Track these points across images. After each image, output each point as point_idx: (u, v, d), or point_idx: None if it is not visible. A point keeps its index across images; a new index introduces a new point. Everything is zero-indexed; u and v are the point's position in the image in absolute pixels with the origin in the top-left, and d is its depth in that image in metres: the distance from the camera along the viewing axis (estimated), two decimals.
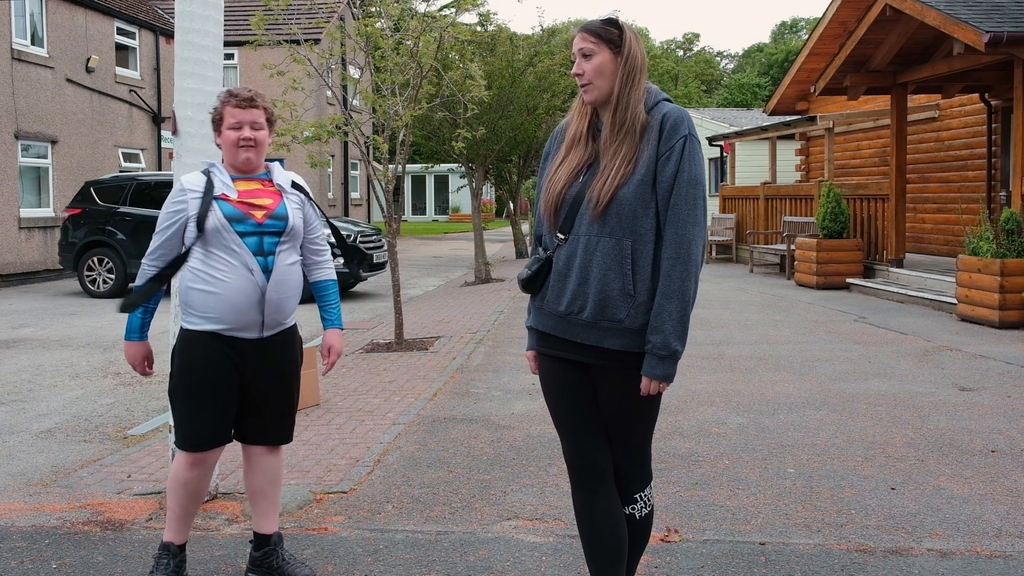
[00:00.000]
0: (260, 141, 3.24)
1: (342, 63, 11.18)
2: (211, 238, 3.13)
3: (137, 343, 3.29)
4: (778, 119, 18.68)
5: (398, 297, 8.95)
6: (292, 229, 3.24)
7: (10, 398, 6.85)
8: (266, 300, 3.16)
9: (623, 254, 2.52)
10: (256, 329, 3.19)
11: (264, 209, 3.20)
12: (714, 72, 67.52)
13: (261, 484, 3.37)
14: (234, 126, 3.19)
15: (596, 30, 2.59)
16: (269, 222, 3.19)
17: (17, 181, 16.32)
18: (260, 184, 3.28)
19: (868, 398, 6.27)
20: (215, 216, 3.12)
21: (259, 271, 3.14)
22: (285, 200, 3.27)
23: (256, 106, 3.23)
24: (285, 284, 3.21)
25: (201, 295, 3.14)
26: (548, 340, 2.69)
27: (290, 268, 3.25)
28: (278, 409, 3.31)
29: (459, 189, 27.38)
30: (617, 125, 2.56)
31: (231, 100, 3.22)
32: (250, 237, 3.15)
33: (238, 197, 3.18)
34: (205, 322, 3.16)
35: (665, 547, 3.65)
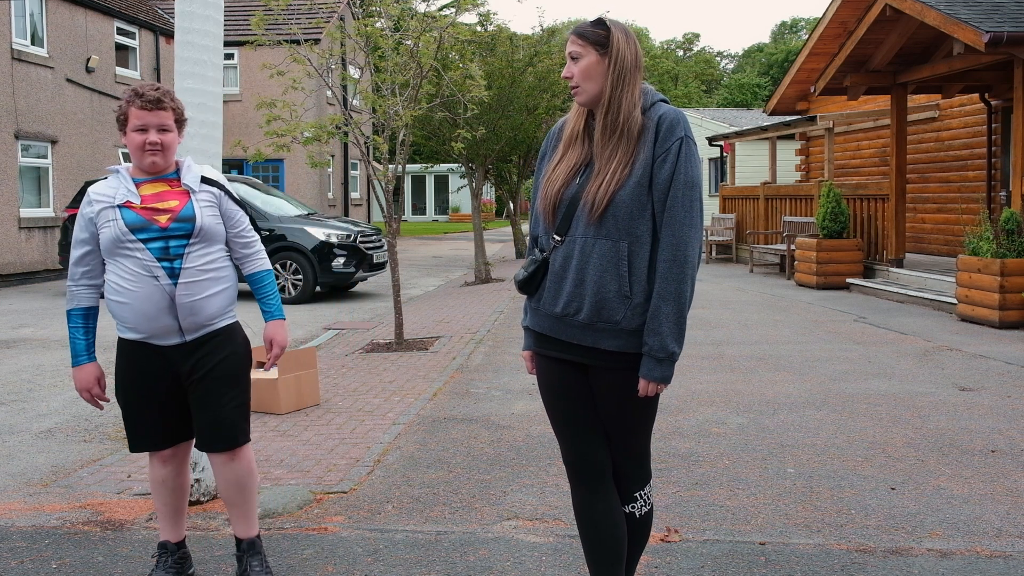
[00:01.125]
0: (167, 144, 3.08)
1: (342, 63, 11.18)
2: (116, 248, 3.03)
3: (86, 366, 3.20)
4: (778, 119, 18.68)
5: (398, 297, 8.95)
6: (201, 230, 3.09)
7: (10, 398, 6.85)
8: (178, 306, 3.05)
9: (619, 256, 2.52)
10: (175, 335, 3.10)
11: (169, 212, 3.06)
12: (714, 72, 67.52)
13: (227, 491, 3.25)
14: (139, 128, 3.04)
15: (583, 32, 2.59)
16: (174, 225, 3.05)
17: (17, 181, 16.32)
18: (167, 185, 3.13)
19: (868, 398, 6.27)
20: (116, 226, 3.01)
21: (165, 276, 3.02)
22: (193, 200, 3.11)
23: (164, 107, 3.06)
24: (198, 286, 3.08)
25: (116, 306, 3.09)
26: (545, 341, 2.69)
27: (204, 269, 3.10)
28: (221, 413, 3.15)
29: (459, 189, 27.37)
30: (609, 127, 2.56)
31: (136, 100, 3.04)
32: (155, 243, 3.03)
33: (141, 203, 3.05)
34: (127, 331, 3.13)
35: (665, 547, 3.65)
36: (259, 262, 3.34)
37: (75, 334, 3.17)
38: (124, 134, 3.09)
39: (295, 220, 13.90)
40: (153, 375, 3.13)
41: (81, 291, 3.14)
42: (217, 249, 3.17)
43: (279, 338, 3.32)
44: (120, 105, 3.09)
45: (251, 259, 3.32)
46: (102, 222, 3.04)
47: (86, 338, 3.17)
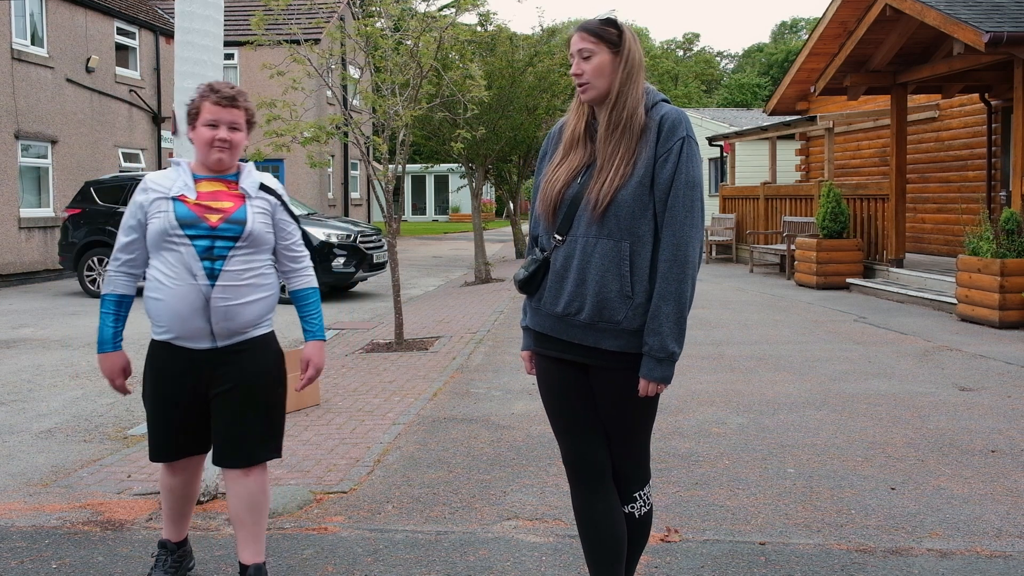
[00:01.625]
0: (236, 143, 3.05)
1: (342, 63, 11.18)
2: (162, 241, 2.98)
3: (111, 354, 3.11)
4: (778, 119, 18.68)
5: (398, 297, 8.95)
6: (250, 235, 3.03)
7: (10, 398, 6.85)
8: (211, 308, 2.96)
9: (621, 256, 2.52)
10: (206, 339, 3.01)
11: (221, 212, 3.01)
12: (714, 72, 67.53)
13: (237, 510, 3.12)
14: (210, 123, 3.01)
15: (595, 30, 2.58)
16: (224, 226, 2.99)
17: (17, 181, 16.32)
18: (225, 186, 3.09)
19: (868, 398, 6.27)
20: (166, 218, 2.97)
21: (203, 276, 2.95)
22: (247, 204, 3.06)
23: (237, 106, 3.04)
24: (237, 291, 3.00)
25: (153, 303, 3.02)
26: (545, 341, 2.69)
27: (243, 274, 3.02)
28: (241, 427, 3.05)
29: (459, 189, 27.37)
30: (613, 124, 2.56)
31: (211, 95, 3.02)
32: (200, 240, 2.97)
33: (196, 199, 3.01)
34: (159, 332, 3.05)
35: (665, 547, 3.65)
36: (306, 278, 3.27)
37: (105, 320, 3.07)
38: (192, 128, 3.05)
39: None
40: (178, 379, 3.04)
41: (119, 277, 3.07)
42: (263, 257, 3.10)
43: (317, 360, 3.23)
44: (192, 99, 3.07)
45: (298, 274, 3.24)
46: (153, 212, 3.00)
47: (115, 326, 3.08)
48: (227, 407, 3.04)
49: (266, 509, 3.19)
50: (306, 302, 3.25)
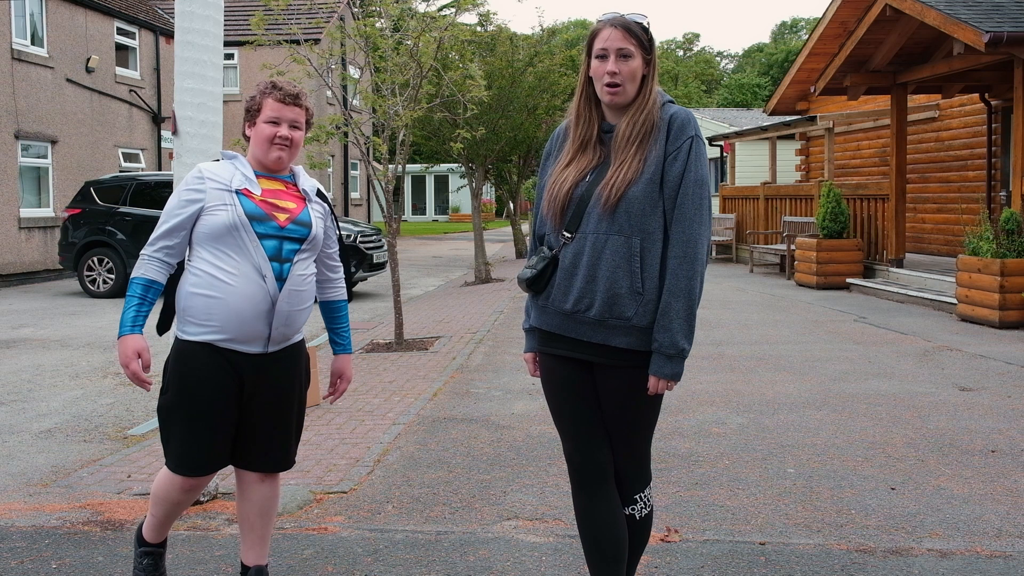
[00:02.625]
0: (296, 142, 2.97)
1: (342, 63, 11.18)
2: (225, 236, 2.84)
3: (129, 337, 2.85)
4: (778, 119, 18.68)
5: (398, 297, 8.95)
6: (314, 238, 2.97)
7: (10, 398, 6.85)
8: (276, 311, 2.87)
9: (632, 252, 2.52)
10: (260, 343, 2.90)
11: (287, 213, 2.93)
12: (714, 72, 67.54)
13: (249, 514, 3.07)
14: (272, 120, 2.92)
15: (637, 32, 2.57)
16: (292, 227, 2.92)
17: (17, 181, 16.32)
18: (283, 186, 3.01)
19: (868, 398, 6.27)
20: (234, 212, 2.84)
21: (272, 278, 2.85)
22: (309, 207, 3.00)
23: (300, 104, 2.98)
24: (298, 296, 2.95)
25: (203, 300, 2.85)
26: (552, 339, 2.68)
27: (304, 279, 2.98)
28: (275, 433, 3.00)
29: (459, 189, 27.38)
30: (636, 126, 2.57)
31: (275, 92, 2.95)
32: (269, 240, 2.87)
33: (261, 195, 2.91)
34: (204, 332, 2.86)
35: (665, 547, 3.65)
36: (340, 290, 3.23)
37: (129, 303, 2.87)
38: (251, 124, 2.96)
39: None
40: (222, 387, 2.87)
41: (153, 263, 2.89)
42: (314, 263, 3.06)
43: (348, 373, 3.23)
44: (253, 96, 2.98)
45: (334, 285, 3.20)
46: (213, 203, 2.85)
47: (138, 309, 2.86)
48: (270, 413, 2.97)
49: (276, 512, 3.18)
50: (338, 314, 3.22)
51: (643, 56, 2.58)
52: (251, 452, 3.00)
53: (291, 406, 3.03)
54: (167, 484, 2.98)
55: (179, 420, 2.90)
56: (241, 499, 3.09)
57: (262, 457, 3.01)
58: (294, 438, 3.09)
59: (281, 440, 3.03)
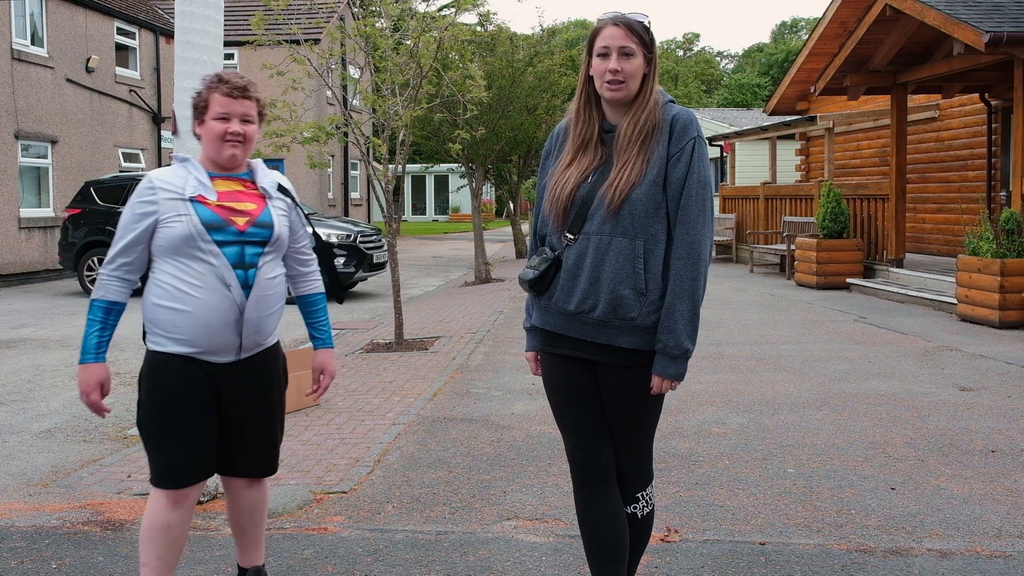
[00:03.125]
0: (249, 137, 2.83)
1: (342, 63, 11.18)
2: (183, 248, 2.72)
3: (92, 366, 2.75)
4: (778, 119, 18.68)
5: (398, 297, 8.95)
6: (278, 239, 2.85)
7: (10, 398, 6.85)
8: (245, 320, 2.76)
9: (635, 254, 2.53)
10: (232, 352, 2.80)
11: (247, 215, 2.80)
12: (714, 72, 67.56)
13: (240, 519, 3.05)
14: (221, 117, 2.78)
15: (639, 30, 2.57)
16: (252, 230, 2.79)
17: (17, 181, 16.32)
18: (241, 185, 2.87)
19: (868, 398, 6.27)
20: (189, 222, 2.71)
21: (237, 286, 2.74)
22: (270, 205, 2.87)
23: (249, 96, 2.83)
24: (266, 301, 2.83)
25: (169, 313, 2.74)
26: (555, 339, 2.68)
27: (272, 282, 2.86)
28: (258, 438, 2.93)
29: (459, 189, 27.38)
30: (638, 126, 2.57)
31: (221, 86, 2.80)
32: (230, 247, 2.75)
33: (217, 200, 2.77)
34: (174, 344, 2.76)
35: (665, 547, 3.65)
36: (316, 283, 3.11)
37: (91, 328, 2.76)
38: (200, 123, 2.82)
39: None
40: (198, 396, 2.78)
41: (113, 283, 2.77)
42: (281, 263, 2.94)
43: (331, 368, 3.12)
44: (199, 92, 2.84)
45: (307, 279, 3.09)
46: (167, 215, 2.72)
47: (101, 335, 2.76)
48: (251, 418, 2.90)
49: (266, 513, 3.15)
50: (315, 307, 3.11)
51: (644, 55, 2.58)
52: (236, 459, 2.93)
53: (272, 410, 2.96)
54: (154, 507, 2.83)
55: (156, 432, 2.79)
56: (231, 505, 3.05)
57: (247, 463, 2.96)
58: (278, 441, 3.03)
59: (265, 444, 2.97)
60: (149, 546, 2.81)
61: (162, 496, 2.80)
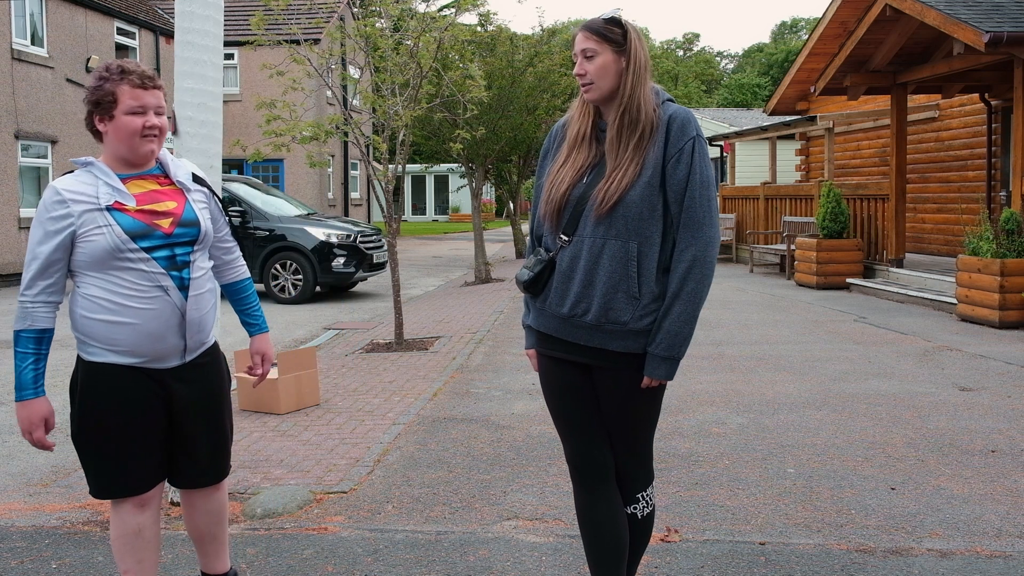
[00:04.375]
0: (164, 129, 2.66)
1: (342, 63, 11.18)
2: (108, 260, 2.57)
3: (33, 402, 2.60)
4: (778, 119, 18.68)
5: (398, 297, 8.95)
6: (205, 235, 2.73)
7: (10, 398, 6.84)
8: (188, 322, 2.66)
9: (629, 256, 2.51)
10: (177, 356, 2.69)
11: (170, 216, 2.65)
12: (714, 72, 67.56)
13: (207, 527, 2.93)
14: (136, 110, 2.59)
15: (599, 30, 2.56)
16: (179, 231, 2.65)
17: (17, 181, 16.33)
18: (156, 183, 2.70)
19: (868, 398, 6.27)
20: (111, 233, 2.55)
21: (175, 289, 2.63)
22: (190, 200, 2.73)
23: (159, 86, 2.65)
24: (203, 299, 2.72)
25: (105, 327, 2.60)
26: (550, 341, 2.68)
27: (205, 279, 2.75)
28: (212, 442, 2.83)
29: (459, 189, 27.37)
30: (624, 124, 2.55)
31: (129, 78, 2.59)
32: (159, 251, 2.61)
33: (136, 205, 2.61)
34: (114, 355, 2.63)
35: (665, 547, 3.65)
36: (241, 269, 3.01)
37: (23, 362, 2.59)
38: (107, 119, 2.61)
39: (295, 220, 13.92)
40: (143, 404, 2.66)
41: (38, 309, 2.60)
42: (207, 256, 2.82)
43: (270, 352, 3.04)
44: (99, 85, 2.60)
45: (232, 266, 2.98)
46: (86, 228, 2.56)
47: (36, 367, 2.60)
48: (201, 422, 2.79)
49: (228, 517, 3.07)
50: (244, 294, 3.00)
51: (613, 50, 2.55)
52: (192, 468, 2.82)
53: (222, 409, 2.87)
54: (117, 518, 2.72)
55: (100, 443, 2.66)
56: (194, 515, 2.92)
57: (205, 470, 2.85)
58: (229, 441, 2.94)
59: (220, 446, 2.88)
60: (125, 553, 2.73)
61: (125, 504, 2.71)
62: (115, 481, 2.68)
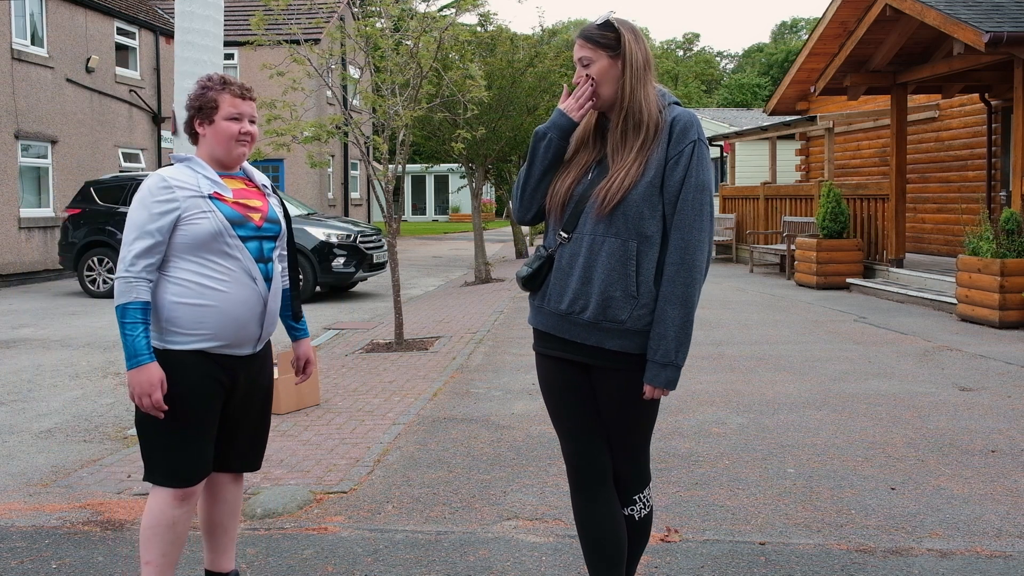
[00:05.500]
0: (255, 137, 2.94)
1: (342, 63, 11.18)
2: (209, 244, 2.77)
3: (148, 366, 2.72)
4: (778, 119, 18.68)
5: (398, 297, 8.95)
6: (284, 234, 3.01)
7: (10, 398, 6.85)
8: (267, 311, 2.89)
9: (628, 255, 2.51)
10: (252, 344, 2.90)
11: (259, 211, 2.91)
12: (714, 72, 67.55)
13: (221, 517, 3.03)
14: (235, 117, 2.86)
15: (592, 37, 2.56)
16: (267, 226, 2.91)
17: (17, 181, 16.32)
18: (244, 184, 2.96)
19: (868, 398, 6.27)
20: (215, 218, 2.77)
21: (262, 279, 2.86)
22: (271, 202, 3.00)
23: (254, 98, 2.94)
24: (279, 293, 2.96)
25: (192, 310, 2.77)
26: (548, 340, 2.68)
27: (282, 275, 3.03)
28: (256, 430, 3.02)
29: (459, 190, 27.38)
30: (626, 126, 2.55)
31: (231, 87, 2.88)
32: (251, 242, 2.85)
33: (233, 197, 2.86)
34: (194, 340, 2.78)
35: (665, 547, 3.65)
36: (287, 278, 3.19)
37: (133, 330, 2.71)
38: (208, 123, 2.85)
39: (295, 220, 13.91)
40: (211, 395, 2.82)
41: (141, 284, 2.74)
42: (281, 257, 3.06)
43: (313, 357, 3.25)
44: (202, 92, 2.87)
45: (283, 274, 3.15)
46: (191, 213, 2.75)
47: (146, 334, 2.74)
48: (256, 411, 3.00)
49: (240, 513, 3.18)
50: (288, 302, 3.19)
51: (608, 55, 2.55)
52: (231, 453, 2.97)
53: (269, 402, 3.08)
54: (158, 505, 2.82)
55: (168, 431, 2.78)
56: (213, 503, 3.02)
57: (242, 457, 3.01)
58: (267, 435, 3.12)
59: (261, 437, 3.06)
60: (152, 543, 2.81)
61: (168, 494, 2.80)
62: (173, 469, 2.80)
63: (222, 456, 2.96)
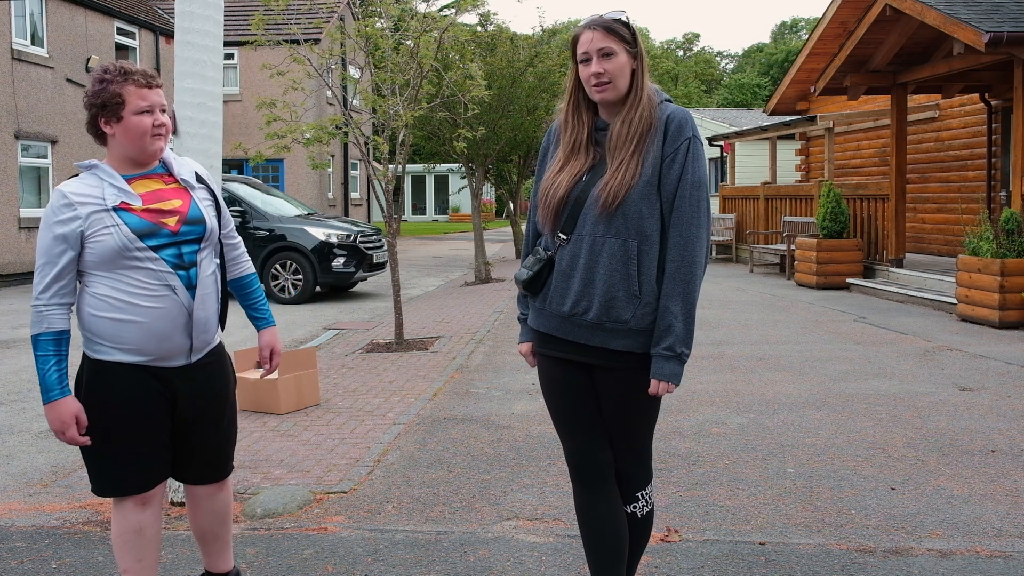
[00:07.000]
0: (169, 127, 2.70)
1: (342, 63, 11.19)
2: (116, 259, 2.59)
3: (61, 401, 2.61)
4: (778, 119, 18.68)
5: (398, 297, 8.95)
6: (211, 233, 2.74)
7: (10, 398, 6.85)
8: (194, 321, 2.69)
9: (629, 255, 2.51)
10: (183, 355, 2.72)
11: (176, 214, 2.67)
12: (714, 72, 67.54)
13: (211, 526, 2.96)
14: (144, 110, 2.63)
15: (615, 29, 2.56)
16: (185, 228, 2.68)
17: (17, 181, 16.33)
18: (161, 182, 2.72)
19: (868, 398, 6.27)
20: (119, 232, 2.58)
21: (182, 288, 2.65)
22: (195, 198, 2.74)
23: (160, 84, 2.68)
24: (210, 298, 2.74)
25: (111, 324, 2.64)
26: (550, 341, 2.68)
27: (212, 278, 2.76)
28: (217, 441, 2.87)
29: (460, 190, 27.37)
30: (632, 123, 2.55)
31: (133, 78, 2.63)
32: (167, 250, 2.64)
33: (143, 204, 2.64)
34: (120, 353, 2.66)
35: (665, 547, 3.65)
36: (246, 265, 3.04)
37: (45, 364, 2.63)
38: (113, 120, 2.64)
39: (295, 220, 13.91)
40: (148, 403, 2.69)
41: (53, 311, 2.63)
42: (215, 255, 2.82)
43: (279, 346, 3.07)
44: (101, 87, 2.63)
45: (238, 262, 3.00)
46: (94, 229, 2.58)
47: (59, 368, 2.64)
48: (205, 421, 2.82)
49: (232, 517, 3.11)
50: (250, 289, 3.04)
51: (627, 51, 2.56)
52: (194, 466, 2.86)
53: (226, 411, 2.90)
54: (119, 515, 2.75)
55: (104, 442, 2.68)
56: (198, 514, 2.95)
57: (210, 468, 2.89)
58: (233, 441, 2.98)
59: (226, 446, 2.92)
60: (125, 551, 2.75)
61: (127, 502, 2.73)
62: (117, 479, 2.71)
63: (183, 468, 2.85)
